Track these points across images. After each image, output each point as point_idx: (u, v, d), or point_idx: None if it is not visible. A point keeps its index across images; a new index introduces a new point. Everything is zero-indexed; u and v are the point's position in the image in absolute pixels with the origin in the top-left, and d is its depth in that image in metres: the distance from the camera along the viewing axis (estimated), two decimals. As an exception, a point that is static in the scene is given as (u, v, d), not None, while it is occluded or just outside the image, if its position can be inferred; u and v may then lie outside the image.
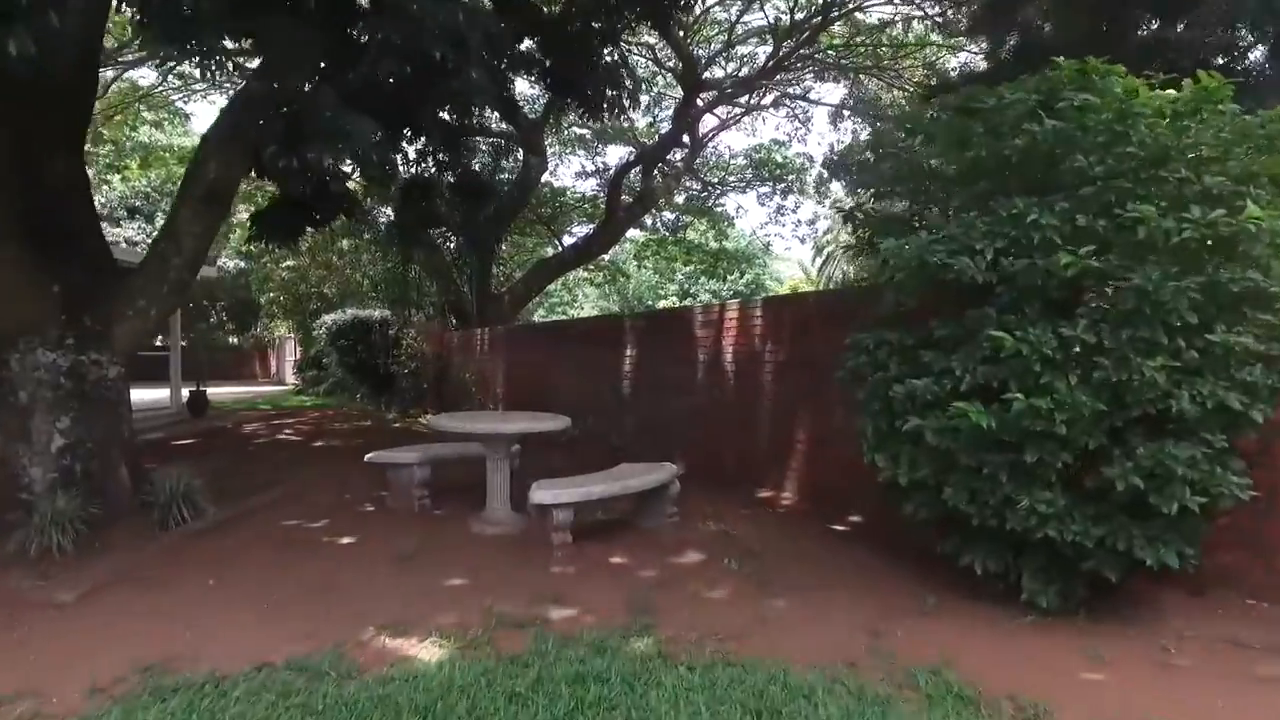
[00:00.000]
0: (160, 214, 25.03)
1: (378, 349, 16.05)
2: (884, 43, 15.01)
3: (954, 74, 13.41)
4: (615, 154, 25.07)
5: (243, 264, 25.44)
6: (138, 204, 24.61)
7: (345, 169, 8.32)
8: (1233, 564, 4.14)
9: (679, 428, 8.26)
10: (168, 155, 20.06)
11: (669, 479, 5.53)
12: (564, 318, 19.78)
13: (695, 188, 21.47)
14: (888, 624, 3.82)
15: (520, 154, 15.92)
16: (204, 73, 4.96)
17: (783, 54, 13.82)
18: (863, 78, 17.46)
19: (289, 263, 24.35)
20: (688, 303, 32.30)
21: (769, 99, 18.25)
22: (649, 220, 22.94)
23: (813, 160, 22.05)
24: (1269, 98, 4.74)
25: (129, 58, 15.21)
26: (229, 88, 13.32)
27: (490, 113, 16.90)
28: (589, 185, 21.51)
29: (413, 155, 9.97)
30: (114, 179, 23.24)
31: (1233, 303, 3.42)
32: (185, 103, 19.03)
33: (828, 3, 13.21)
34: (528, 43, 8.81)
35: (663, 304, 35.76)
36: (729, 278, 31.15)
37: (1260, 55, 7.58)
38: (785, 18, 13.98)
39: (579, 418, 9.81)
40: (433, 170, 8.74)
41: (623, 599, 4.16)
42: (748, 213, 44.52)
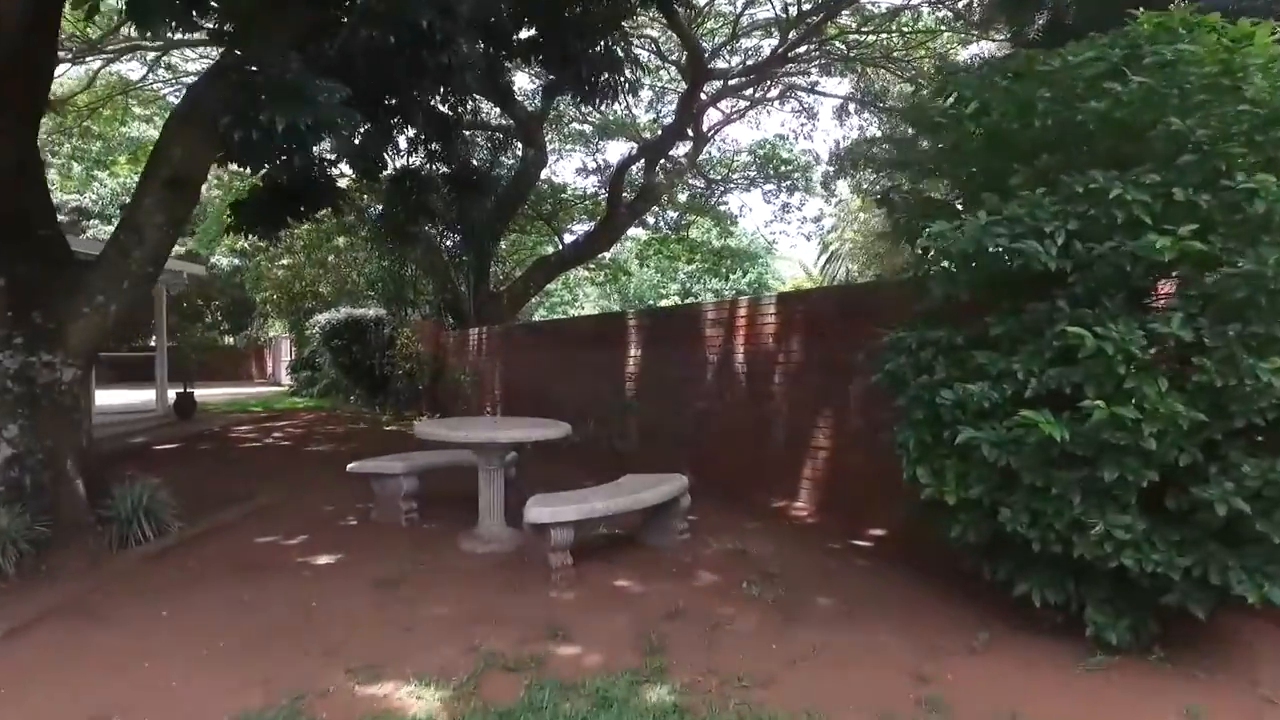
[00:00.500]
0: (152, 212, 24.51)
1: (373, 349, 15.57)
2: (894, 28, 14.47)
3: (967, 65, 12.92)
4: (616, 151, 24.62)
5: (237, 262, 24.95)
6: (128, 201, 24.07)
7: (328, 155, 7.82)
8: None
9: (687, 432, 7.76)
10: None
11: (679, 492, 5.03)
12: (564, 316, 19.23)
13: (699, 185, 20.96)
14: (935, 665, 3.32)
15: (519, 148, 15.41)
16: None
17: (790, 41, 13.30)
18: (870, 72, 16.97)
19: (285, 261, 23.88)
20: (690, 302, 31.66)
21: (774, 92, 17.75)
22: (651, 219, 22.45)
23: (819, 157, 21.58)
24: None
25: (114, 49, 14.76)
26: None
27: (489, 106, 16.51)
28: (590, 183, 21.03)
29: (404, 145, 9.54)
30: (102, 175, 22.70)
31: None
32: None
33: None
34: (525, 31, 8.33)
35: (664, 303, 35.24)
36: (731, 277, 30.67)
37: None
38: (793, 8, 13.48)
39: (581, 422, 9.30)
40: (424, 160, 8.24)
41: (630, 633, 3.66)
42: (752, 211, 43.97)
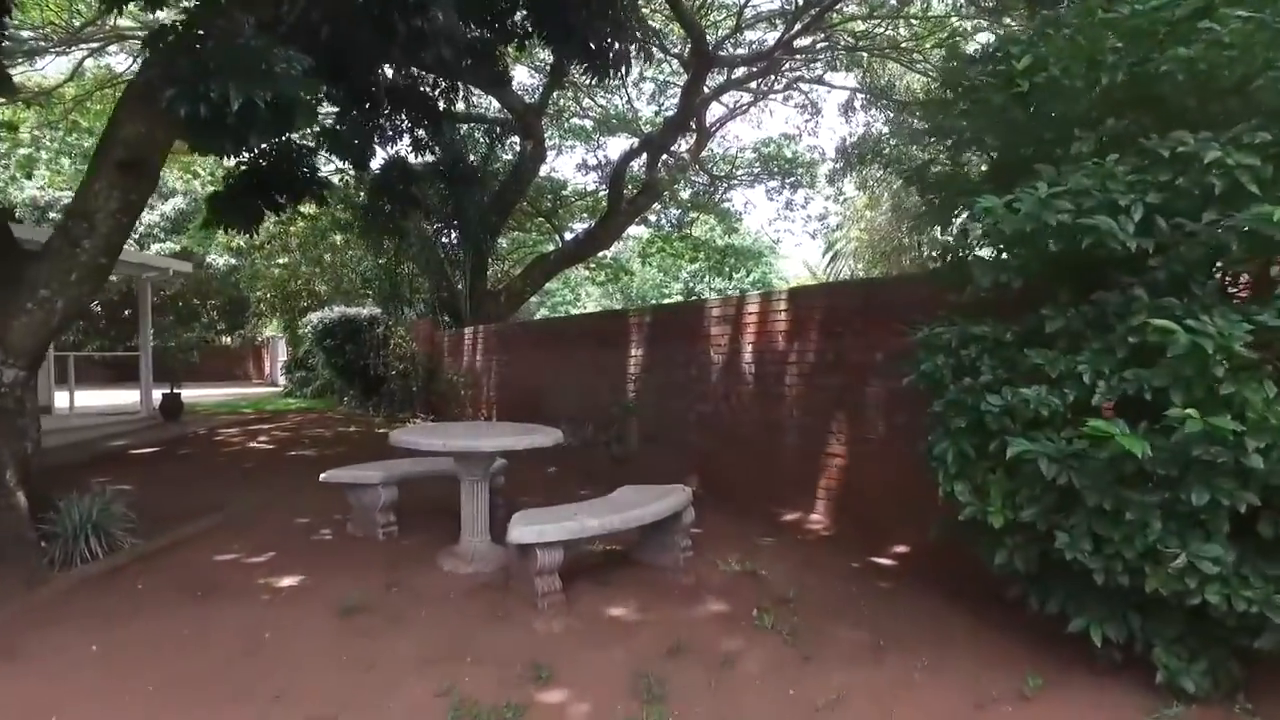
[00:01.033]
0: (146, 208, 24.08)
1: (367, 349, 15.11)
2: (903, 16, 13.96)
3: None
4: (618, 147, 24.13)
5: (233, 261, 24.53)
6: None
7: (306, 141, 7.35)
8: None
9: (691, 437, 7.27)
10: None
11: (680, 506, 4.54)
12: (561, 315, 18.74)
13: (702, 181, 20.47)
14: (980, 713, 2.84)
15: (517, 141, 14.95)
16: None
17: (797, 29, 12.80)
18: (876, 66, 16.47)
19: (282, 260, 23.45)
20: (694, 298, 31.10)
21: (779, 85, 17.24)
22: (653, 216, 21.97)
23: (823, 153, 21.10)
24: None
25: (100, 39, 14.33)
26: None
27: (489, 101, 16.04)
28: (591, 179, 20.56)
29: (398, 138, 9.07)
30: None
31: None
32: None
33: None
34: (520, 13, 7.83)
35: (667, 302, 34.73)
36: (735, 276, 30.18)
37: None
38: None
39: (578, 425, 8.83)
40: (410, 148, 7.78)
41: (626, 672, 3.18)
42: (756, 208, 43.51)
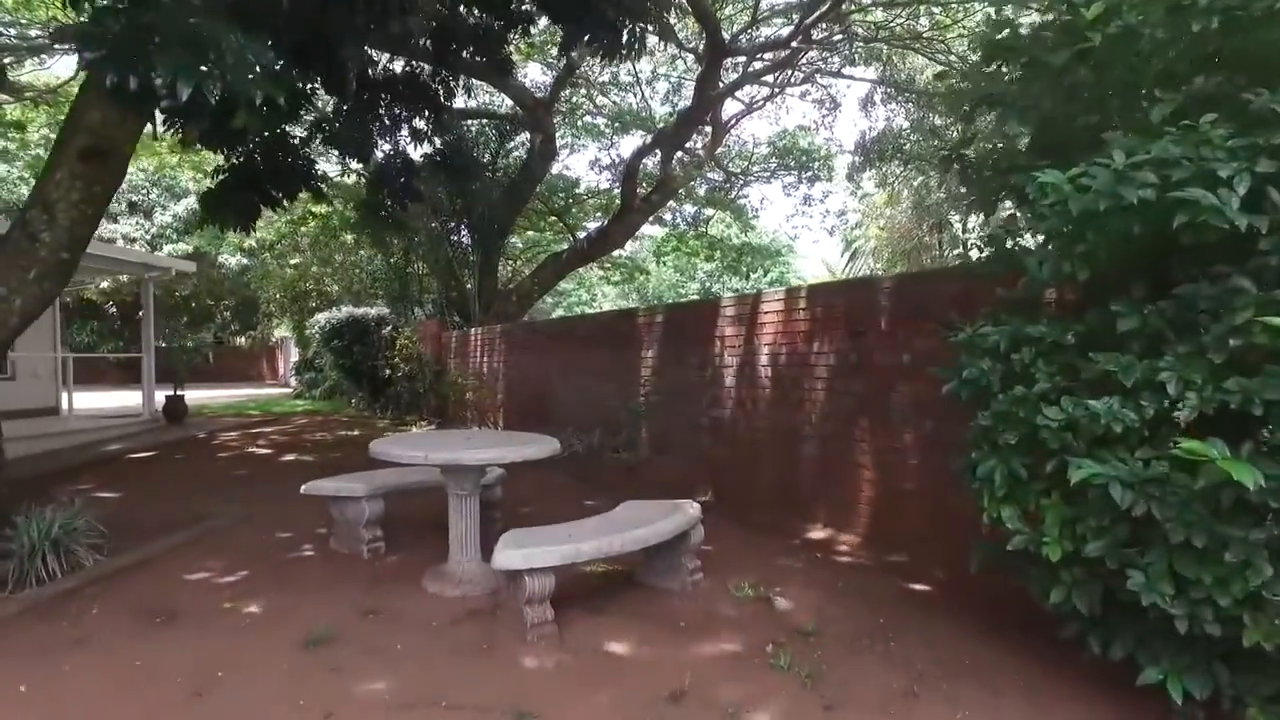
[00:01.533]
0: (159, 208, 23.99)
1: (375, 350, 14.82)
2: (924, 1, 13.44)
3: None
4: (632, 146, 23.74)
5: (245, 261, 24.39)
6: (135, 199, 23.54)
7: (300, 133, 7.00)
8: None
9: (704, 444, 6.84)
10: (159, 144, 18.94)
11: (688, 525, 4.11)
12: (569, 315, 18.28)
13: (717, 178, 20.00)
14: (1037, 787, 2.39)
15: (528, 137, 14.56)
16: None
17: (814, 17, 12.33)
18: (895, 59, 15.94)
19: (294, 260, 23.26)
20: (709, 296, 30.53)
21: (797, 79, 16.74)
22: (669, 215, 21.53)
23: (841, 146, 20.58)
24: None
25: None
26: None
27: (501, 99, 15.67)
28: (604, 178, 20.15)
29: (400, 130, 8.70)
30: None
31: None
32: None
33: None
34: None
35: (679, 300, 34.26)
36: (752, 275, 29.69)
37: None
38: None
39: (585, 430, 8.43)
40: (408, 139, 7.41)
41: (620, 723, 2.77)
42: (773, 204, 42.95)
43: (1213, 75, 2.30)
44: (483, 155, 14.90)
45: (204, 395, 19.24)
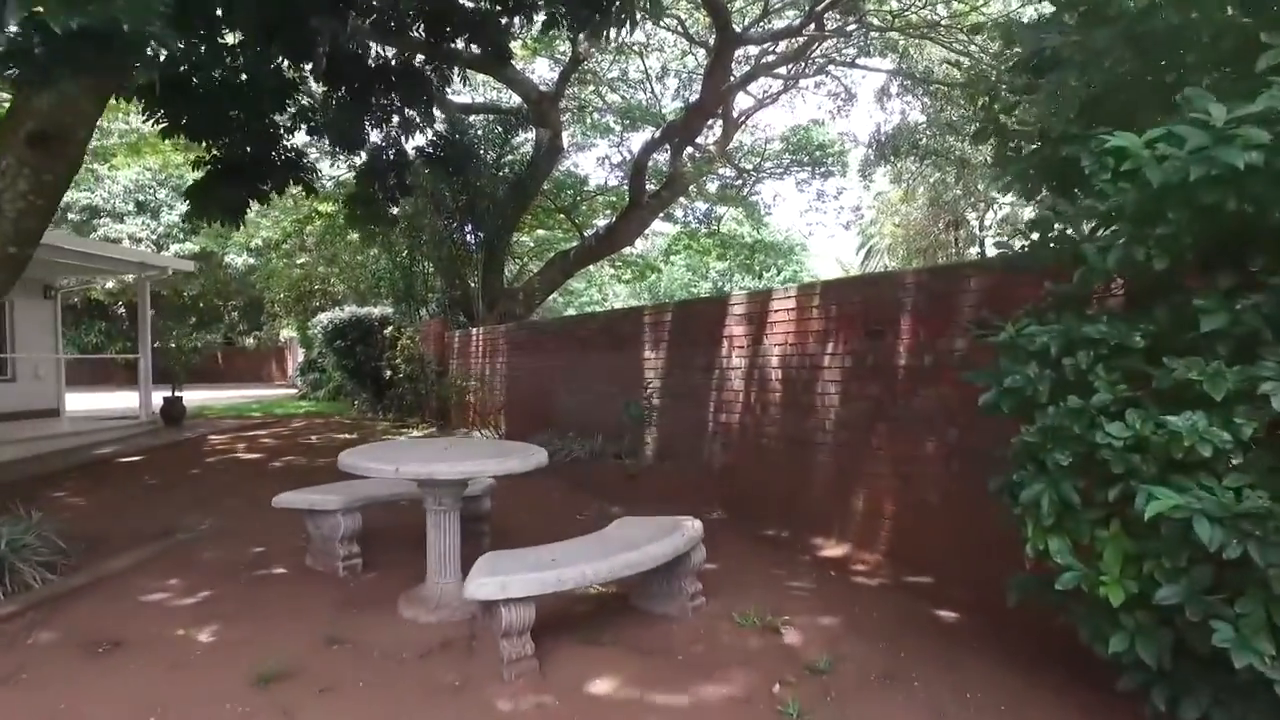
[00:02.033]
0: (165, 208, 23.82)
1: (378, 350, 14.51)
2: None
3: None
4: (640, 142, 23.37)
5: (252, 261, 24.19)
6: (143, 198, 23.39)
7: (283, 121, 6.64)
8: None
9: (712, 450, 6.44)
10: (166, 143, 18.73)
11: (688, 546, 3.71)
12: (570, 314, 17.82)
13: (729, 174, 19.55)
14: None
15: (533, 133, 14.18)
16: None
17: (827, 2, 11.90)
18: (912, 50, 15.45)
19: (301, 260, 23.03)
20: (715, 294, 29.98)
21: (810, 71, 16.26)
22: (680, 212, 21.11)
23: (856, 139, 20.09)
24: None
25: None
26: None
27: (509, 96, 15.29)
28: (614, 175, 19.76)
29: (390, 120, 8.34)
30: (102, 169, 22.00)
31: None
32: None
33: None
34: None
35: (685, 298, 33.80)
36: (765, 274, 29.21)
37: None
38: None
39: (587, 435, 8.05)
40: (399, 129, 7.05)
41: (601, 788, 2.37)
42: (785, 200, 42.31)
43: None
44: (488, 151, 14.56)
45: (209, 396, 19.03)
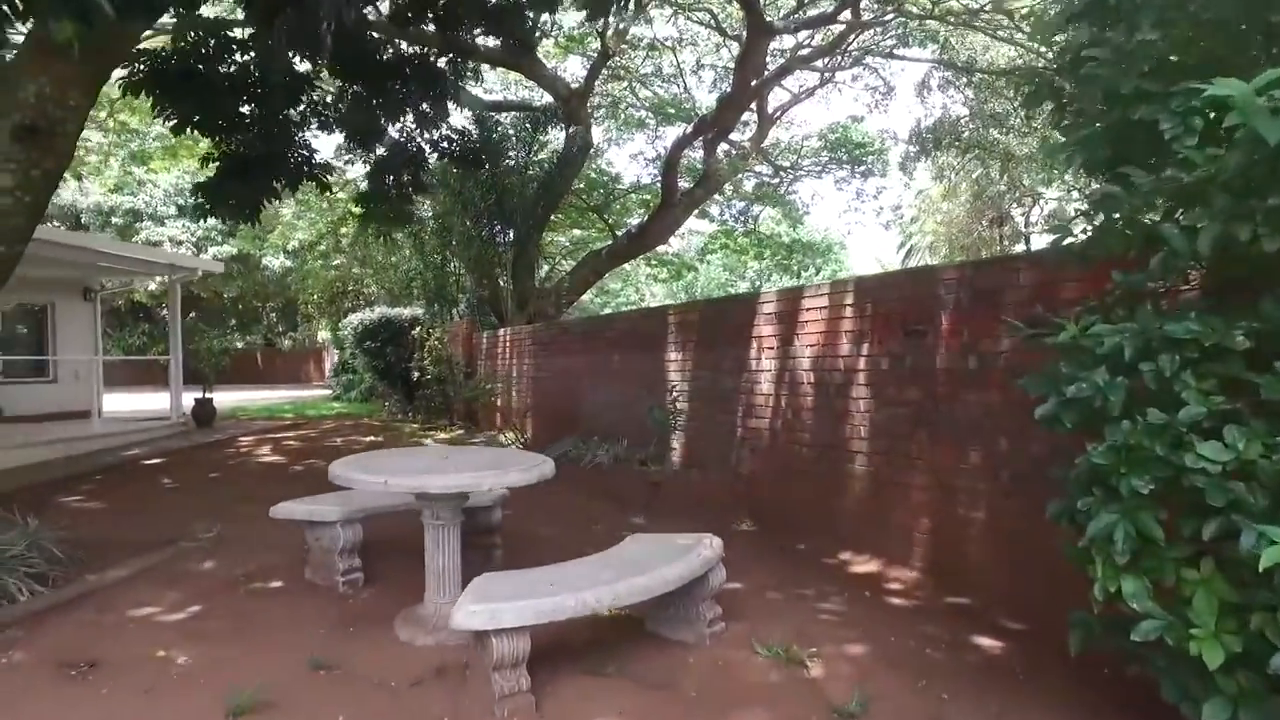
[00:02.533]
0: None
1: (409, 351, 14.41)
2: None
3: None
4: (673, 138, 23.06)
5: (289, 263, 24.44)
6: (182, 202, 23.77)
7: (294, 116, 6.47)
8: None
9: (740, 457, 6.08)
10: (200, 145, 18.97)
11: (706, 568, 3.38)
12: (598, 314, 17.52)
13: (766, 172, 19.10)
14: None
15: (563, 130, 13.93)
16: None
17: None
18: (953, 41, 14.84)
19: (337, 261, 23.19)
20: (745, 291, 29.33)
21: (847, 63, 15.75)
22: (716, 210, 20.72)
23: (895, 136, 19.48)
24: None
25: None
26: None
27: (541, 95, 15.07)
28: (649, 172, 19.47)
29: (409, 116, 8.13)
30: (140, 171, 22.41)
31: None
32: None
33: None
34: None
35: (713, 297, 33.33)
36: (803, 274, 28.62)
37: None
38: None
39: (612, 439, 7.74)
40: (415, 124, 6.84)
41: None
42: (824, 199, 41.56)
43: None
44: (518, 149, 14.35)
45: (246, 397, 19.21)
